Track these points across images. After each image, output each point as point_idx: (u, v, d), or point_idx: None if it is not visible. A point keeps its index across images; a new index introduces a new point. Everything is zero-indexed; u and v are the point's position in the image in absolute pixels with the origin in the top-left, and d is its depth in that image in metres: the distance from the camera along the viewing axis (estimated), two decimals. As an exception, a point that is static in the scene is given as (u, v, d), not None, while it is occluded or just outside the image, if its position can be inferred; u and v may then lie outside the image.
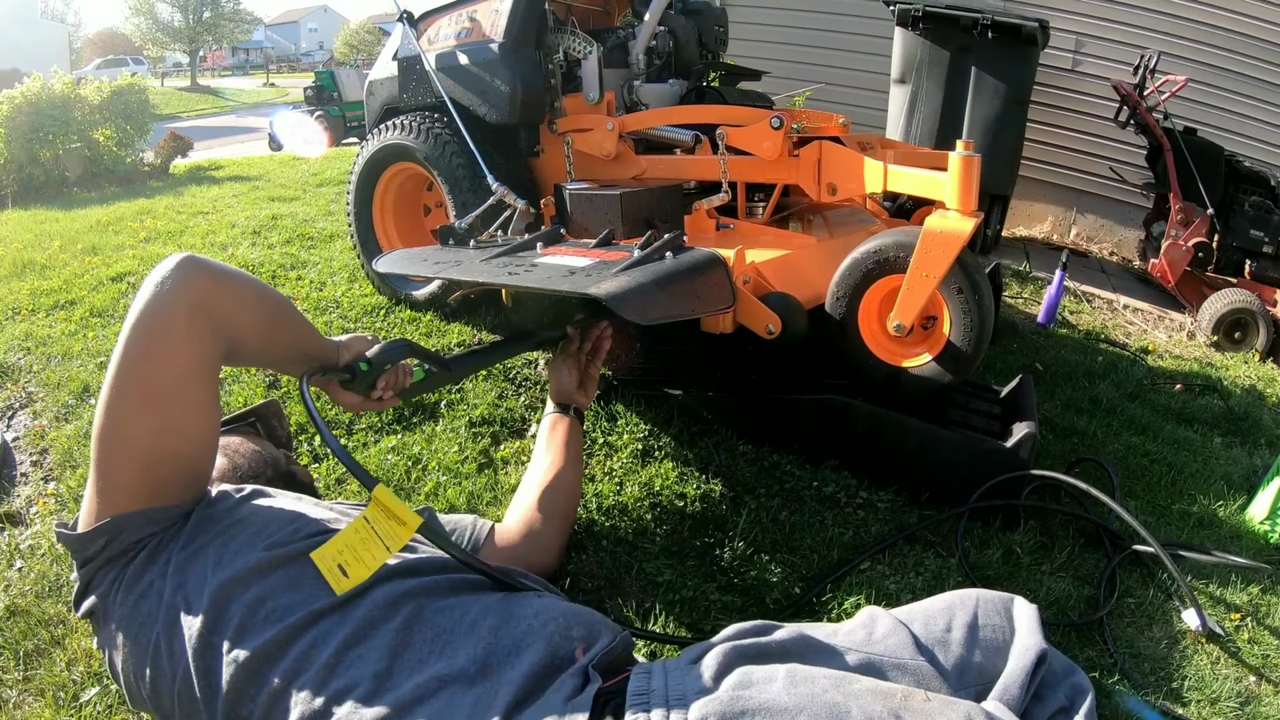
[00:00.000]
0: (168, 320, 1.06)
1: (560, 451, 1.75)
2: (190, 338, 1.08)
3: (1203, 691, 1.49)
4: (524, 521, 1.60)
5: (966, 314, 1.84)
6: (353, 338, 1.41)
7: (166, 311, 1.06)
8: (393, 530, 1.11)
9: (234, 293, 1.13)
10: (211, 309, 1.10)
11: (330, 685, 0.93)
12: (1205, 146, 4.39)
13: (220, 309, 1.11)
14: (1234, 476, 2.33)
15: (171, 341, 1.06)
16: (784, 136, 2.24)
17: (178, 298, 1.06)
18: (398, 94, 2.95)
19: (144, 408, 1.07)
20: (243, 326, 1.15)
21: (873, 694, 0.89)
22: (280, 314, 1.24)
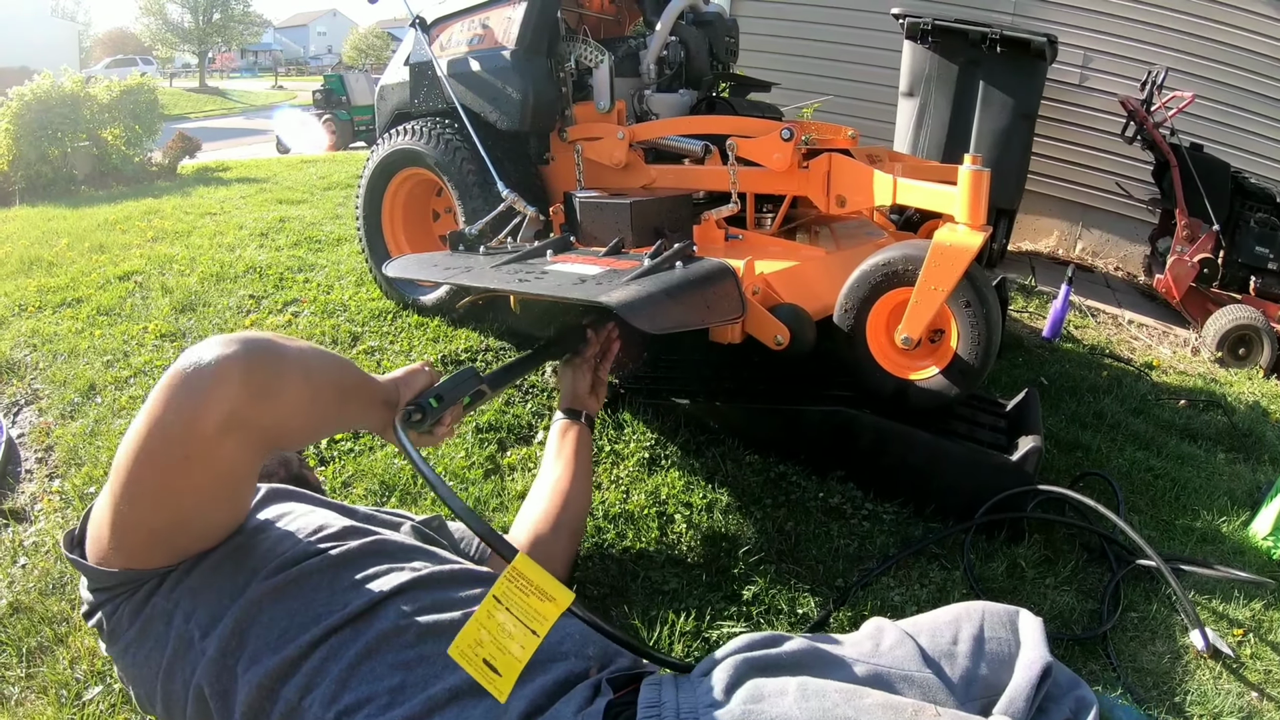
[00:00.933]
0: (188, 436, 0.91)
1: (570, 462, 1.71)
2: (217, 456, 0.94)
3: (1205, 707, 1.49)
4: (532, 537, 1.57)
5: (974, 327, 1.85)
6: (408, 373, 1.30)
7: (190, 425, 0.91)
8: (534, 608, 0.95)
9: (282, 404, 0.98)
10: (249, 423, 0.95)
11: (342, 699, 0.92)
12: (1212, 163, 4.39)
13: (260, 423, 0.97)
14: (1237, 492, 2.33)
15: (194, 462, 0.93)
16: (794, 148, 2.25)
17: (208, 411, 0.91)
18: (409, 99, 2.96)
19: (159, 506, 0.97)
20: (291, 432, 1.05)
21: (883, 708, 0.89)
22: (339, 396, 1.11)
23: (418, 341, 2.76)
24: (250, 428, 0.95)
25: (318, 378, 1.04)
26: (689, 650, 1.55)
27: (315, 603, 1.00)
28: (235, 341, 0.94)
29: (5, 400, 2.79)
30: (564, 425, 1.80)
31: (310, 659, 0.95)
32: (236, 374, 0.92)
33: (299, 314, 3.10)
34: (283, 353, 0.99)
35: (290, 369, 0.99)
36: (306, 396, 1.02)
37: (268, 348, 0.97)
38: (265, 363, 0.95)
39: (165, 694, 0.97)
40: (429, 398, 1.25)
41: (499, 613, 0.95)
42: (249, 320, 3.05)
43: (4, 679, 1.61)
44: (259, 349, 0.95)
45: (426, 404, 1.25)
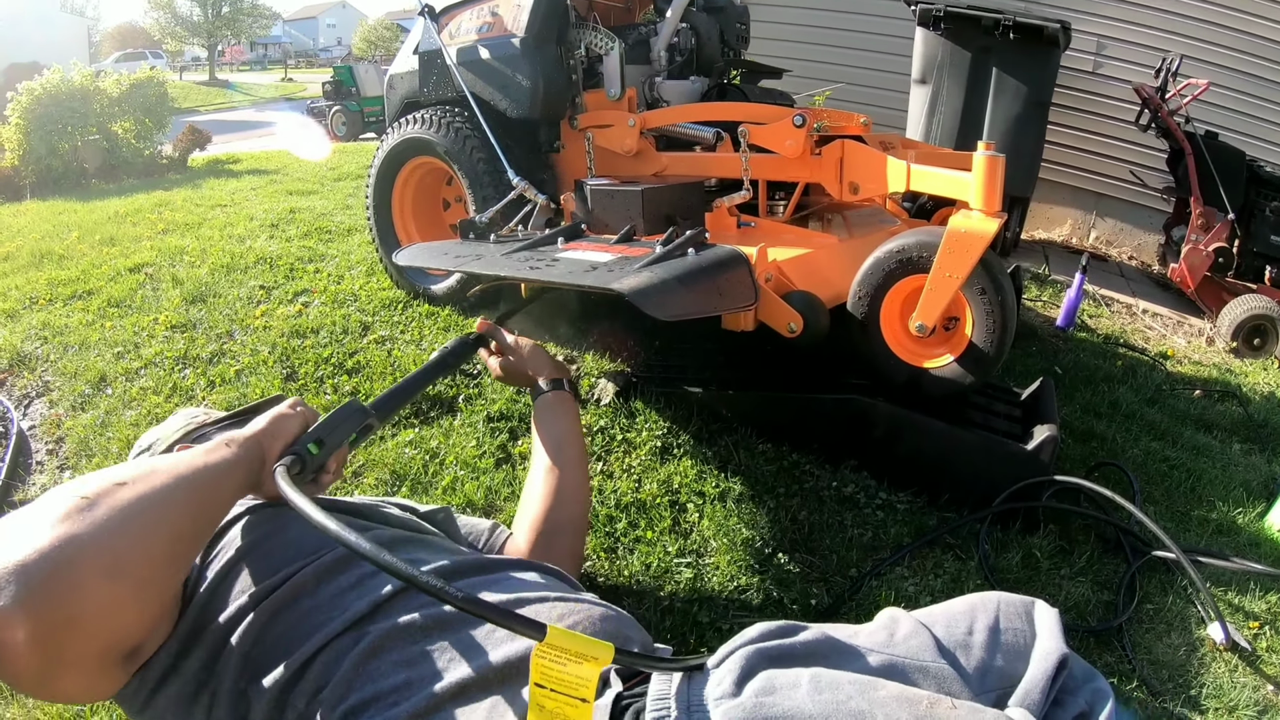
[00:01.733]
0: (19, 685, 0.78)
1: (563, 448, 1.59)
2: (73, 693, 0.84)
3: (1220, 700, 1.48)
4: (534, 538, 1.50)
5: (989, 315, 1.83)
6: (272, 420, 1.11)
7: (10, 680, 0.76)
8: (576, 675, 0.87)
9: (107, 624, 0.81)
10: (73, 663, 0.80)
11: (349, 700, 0.91)
12: (1227, 151, 4.35)
13: (86, 655, 0.81)
14: (1253, 484, 2.31)
15: (58, 697, 0.85)
16: (807, 134, 2.23)
17: (15, 674, 0.75)
18: (418, 88, 2.95)
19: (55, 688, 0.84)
20: (144, 621, 0.89)
21: (898, 701, 0.88)
22: (192, 528, 0.94)
23: (428, 330, 2.76)
24: (76, 664, 0.80)
25: (143, 550, 0.85)
26: (702, 640, 1.54)
27: (315, 610, 0.99)
28: (7, 581, 0.73)
29: (16, 392, 2.80)
30: (548, 400, 1.65)
31: (314, 665, 0.94)
32: (20, 635, 0.73)
33: (309, 304, 3.09)
34: (78, 563, 0.77)
35: (92, 578, 0.78)
36: (130, 589, 0.83)
37: (54, 572, 0.75)
38: (50, 601, 0.75)
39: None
40: (306, 444, 1.07)
41: (546, 699, 0.86)
42: (259, 311, 3.05)
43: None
44: (40, 583, 0.74)
45: (304, 451, 1.06)
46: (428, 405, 2.36)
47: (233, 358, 2.72)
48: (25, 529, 0.78)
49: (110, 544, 0.81)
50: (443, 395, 2.39)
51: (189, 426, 1.44)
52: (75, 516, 0.80)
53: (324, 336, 2.78)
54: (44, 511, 0.80)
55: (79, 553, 0.78)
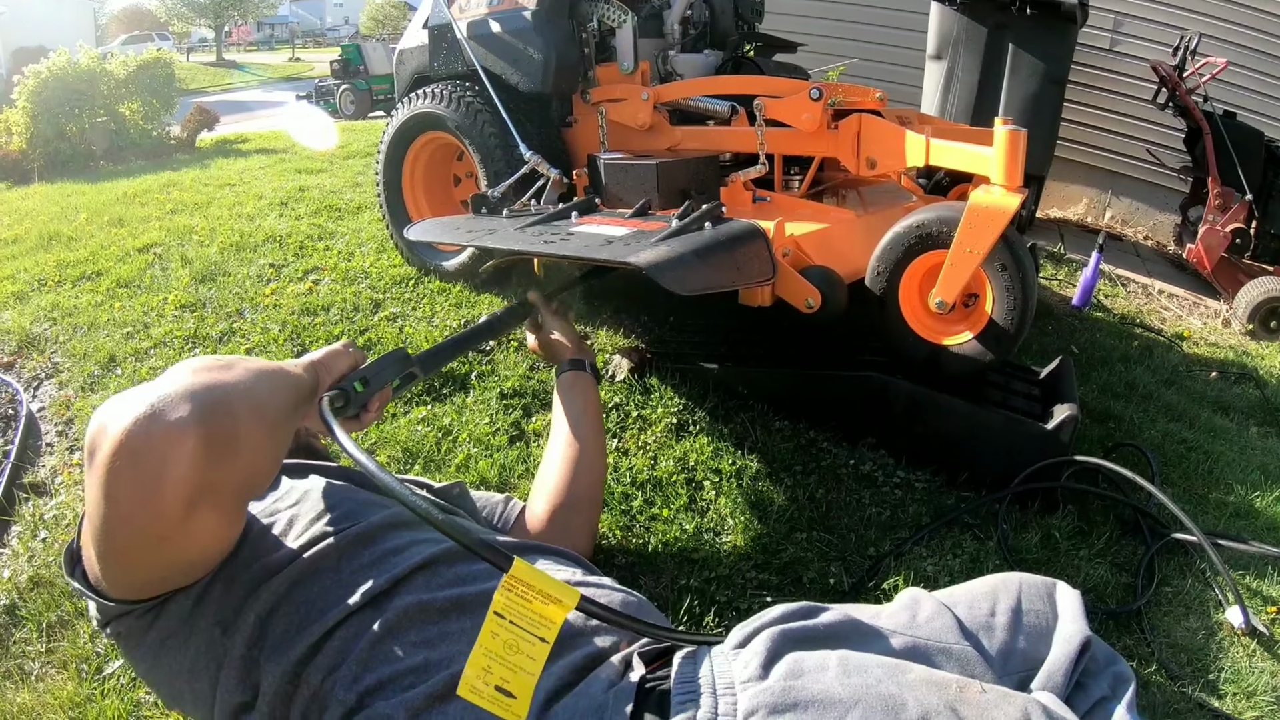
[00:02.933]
0: (155, 522, 0.81)
1: (582, 422, 1.61)
2: (192, 530, 0.85)
3: (1239, 684, 1.47)
4: (551, 510, 1.51)
5: (1010, 292, 1.80)
6: (328, 354, 1.15)
7: (153, 513, 0.80)
8: (539, 613, 0.87)
9: (245, 456, 0.87)
10: (218, 489, 0.85)
11: (364, 680, 0.90)
12: (1245, 131, 4.29)
13: (231, 483, 0.87)
14: (1271, 467, 2.29)
15: (170, 541, 0.84)
16: (823, 108, 2.20)
17: (171, 494, 0.79)
18: (428, 63, 2.92)
19: (145, 572, 0.90)
20: (260, 476, 0.93)
21: (927, 685, 0.86)
22: (290, 414, 1.00)
23: (440, 307, 2.74)
24: (221, 492, 0.85)
25: (269, 409, 0.92)
26: (720, 619, 1.53)
27: (335, 585, 0.98)
28: (182, 400, 0.80)
29: (26, 374, 2.80)
30: (568, 378, 1.68)
31: (331, 641, 0.93)
32: (191, 444, 0.78)
33: (319, 282, 3.08)
34: (233, 398, 0.85)
35: (244, 414, 0.86)
36: (265, 435, 0.90)
37: (219, 400, 0.83)
38: (219, 419, 0.82)
39: (192, 693, 0.95)
40: (353, 381, 1.13)
41: (503, 629, 0.86)
42: (269, 289, 3.03)
43: (25, 654, 1.62)
44: (210, 405, 0.82)
45: (350, 388, 1.12)
46: (440, 382, 2.34)
47: (243, 336, 2.71)
48: (178, 374, 0.84)
49: (253, 389, 0.89)
50: (455, 372, 2.37)
51: None
52: (219, 369, 0.88)
53: (334, 314, 2.77)
54: (188, 365, 0.87)
55: (234, 390, 0.86)
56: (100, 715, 1.43)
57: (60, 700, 1.47)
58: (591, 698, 0.88)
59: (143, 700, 1.46)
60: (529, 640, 0.86)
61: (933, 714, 0.82)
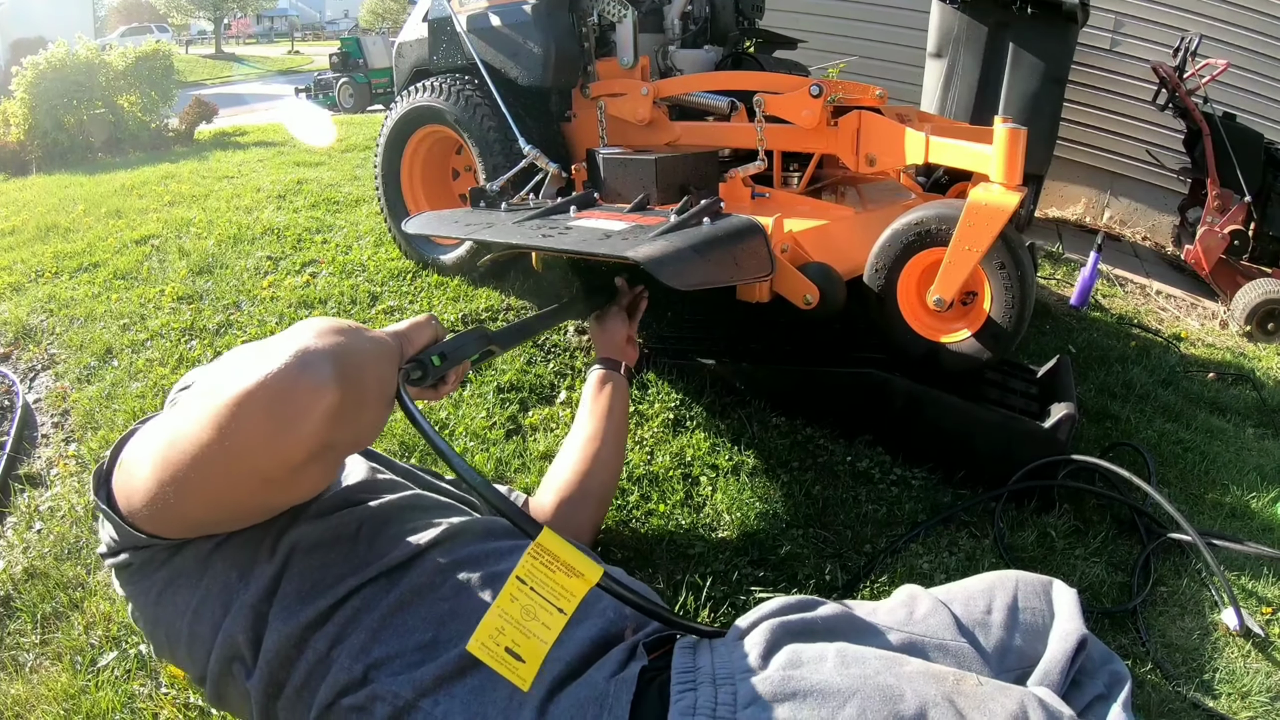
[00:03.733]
0: (273, 465, 0.83)
1: (605, 419, 1.62)
2: (299, 481, 0.88)
3: (1234, 685, 1.47)
4: (557, 503, 1.52)
5: (1008, 290, 1.81)
6: (412, 326, 1.14)
7: (277, 457, 0.82)
8: (561, 585, 0.89)
9: (364, 421, 0.89)
10: (336, 447, 0.87)
11: (372, 652, 0.90)
12: (1245, 133, 4.30)
13: (346, 441, 0.89)
14: (1267, 468, 2.29)
15: (273, 485, 0.86)
16: (823, 105, 2.20)
17: (301, 444, 0.81)
18: (428, 56, 2.91)
19: (214, 509, 0.90)
20: (365, 440, 0.94)
21: (925, 677, 0.87)
22: (392, 383, 1.00)
23: (437, 301, 2.74)
24: (337, 449, 0.88)
25: (386, 381, 0.94)
26: (716, 615, 1.53)
27: (352, 555, 0.98)
28: (328, 359, 0.81)
29: (22, 365, 2.79)
30: (601, 376, 1.69)
31: (343, 609, 0.93)
32: (329, 401, 0.80)
33: (317, 275, 3.08)
34: (364, 367, 0.87)
35: (370, 383, 0.88)
36: (383, 404, 0.92)
37: (356, 365, 0.85)
38: (355, 384, 0.85)
39: (190, 635, 0.94)
40: (432, 355, 1.12)
41: (522, 594, 0.88)
42: (266, 282, 3.03)
43: (19, 645, 1.61)
44: (349, 369, 0.83)
45: (428, 361, 1.11)
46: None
47: (240, 329, 2.70)
48: (314, 333, 0.83)
49: (376, 360, 0.89)
50: (451, 366, 2.37)
51: None
52: (349, 333, 0.87)
53: (332, 307, 2.76)
54: (318, 325, 0.85)
55: (364, 359, 0.86)
56: (95, 706, 1.42)
57: (55, 692, 1.47)
58: (594, 686, 0.88)
59: (137, 692, 1.45)
60: (547, 609, 0.87)
61: (930, 705, 0.83)
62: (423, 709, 0.87)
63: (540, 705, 0.87)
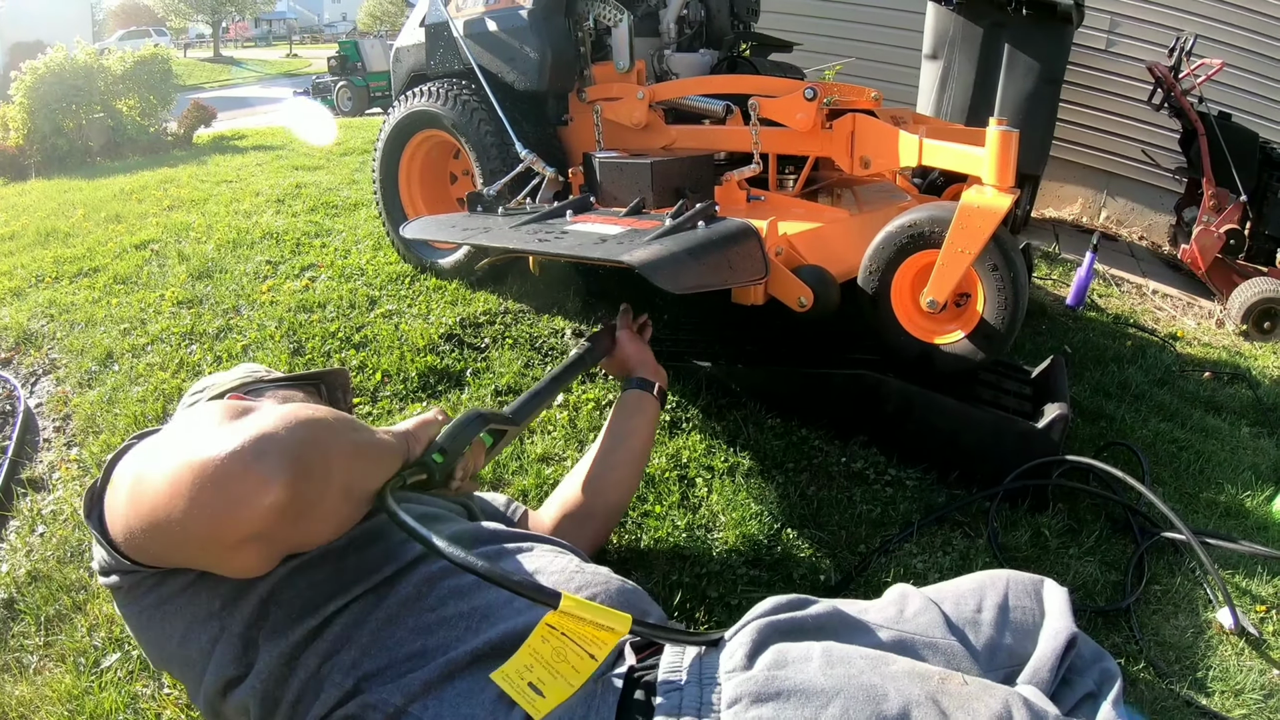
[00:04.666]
0: (207, 540, 0.82)
1: (626, 443, 1.61)
2: (231, 560, 0.86)
3: (1227, 683, 1.48)
4: (561, 515, 1.51)
5: (1001, 291, 1.82)
6: (419, 424, 1.14)
7: (211, 533, 0.80)
8: (592, 635, 0.88)
9: (315, 521, 0.88)
10: (275, 540, 0.86)
11: (363, 666, 0.90)
12: (1240, 132, 4.31)
13: (289, 539, 0.88)
14: (1262, 467, 2.30)
15: (209, 557, 0.86)
16: (818, 108, 2.21)
17: (236, 526, 0.80)
18: (425, 61, 2.93)
19: (173, 559, 0.91)
20: (316, 538, 0.93)
21: (909, 676, 0.88)
22: (371, 492, 0.98)
23: (435, 304, 2.75)
24: (275, 543, 0.86)
25: (358, 489, 0.94)
26: (711, 615, 1.54)
27: (341, 573, 0.97)
28: (286, 453, 0.81)
29: (23, 370, 2.80)
30: (630, 398, 1.68)
31: (332, 627, 0.93)
32: (273, 499, 0.79)
33: (316, 279, 3.09)
34: (331, 469, 0.87)
35: (333, 489, 0.88)
36: (346, 509, 0.92)
37: (317, 467, 0.84)
38: (309, 486, 0.83)
39: (182, 658, 0.95)
40: (431, 454, 1.12)
41: (553, 638, 0.88)
42: (266, 286, 3.04)
43: (23, 647, 1.62)
44: (306, 469, 0.82)
45: (430, 461, 1.11)
46: (435, 379, 2.35)
47: (239, 333, 2.71)
48: (293, 420, 0.84)
49: (351, 465, 0.92)
50: (451, 369, 2.38)
51: (247, 379, 1.45)
52: (331, 430, 0.89)
53: (331, 311, 2.77)
54: (303, 413, 0.87)
55: (334, 460, 0.88)
56: (98, 707, 1.44)
57: (59, 693, 1.48)
58: (582, 688, 0.88)
59: (140, 693, 1.47)
60: (579, 654, 0.87)
61: (913, 705, 0.83)
62: (413, 714, 0.87)
63: None
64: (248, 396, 1.39)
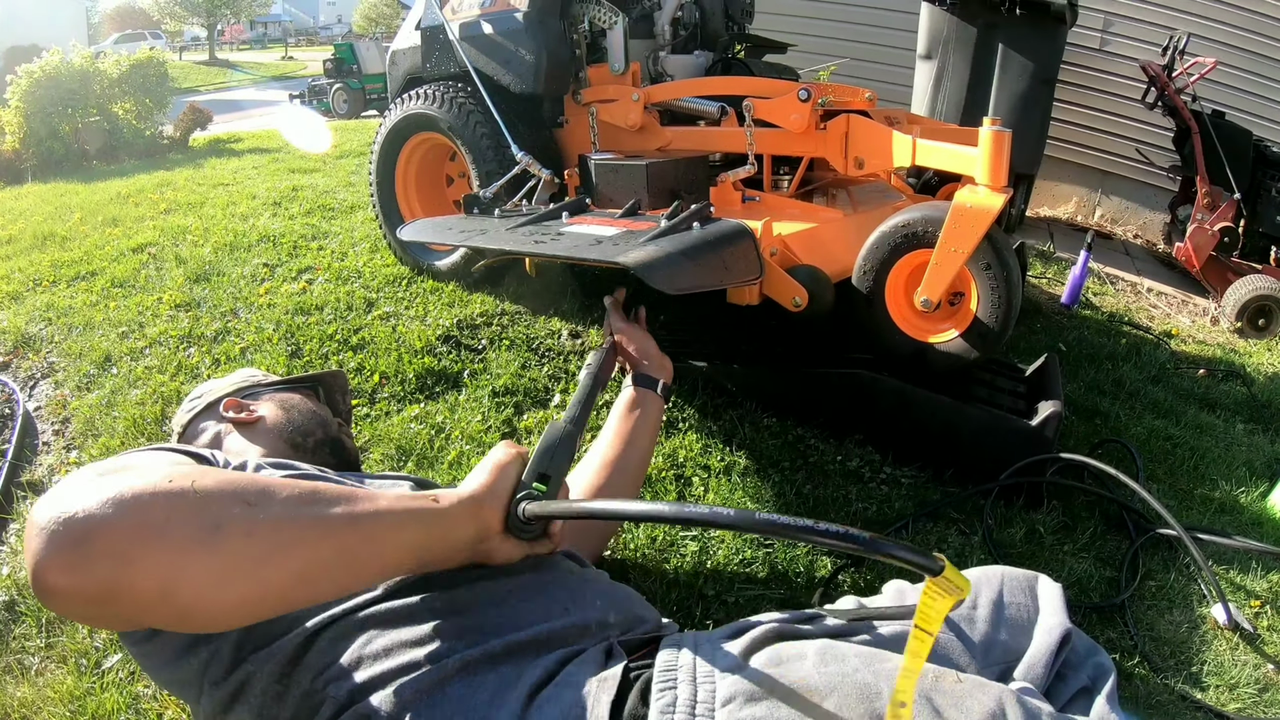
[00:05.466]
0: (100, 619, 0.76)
1: (629, 445, 1.57)
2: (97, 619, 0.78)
3: (1221, 678, 1.49)
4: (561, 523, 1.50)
5: (994, 290, 1.83)
6: (496, 471, 1.00)
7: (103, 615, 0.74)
8: (938, 612, 0.78)
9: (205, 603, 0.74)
10: (150, 622, 0.77)
11: (354, 678, 0.89)
12: (1233, 130, 4.32)
13: (177, 622, 0.77)
14: (1256, 463, 2.31)
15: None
16: (811, 109, 2.22)
17: (50, 603, 0.70)
18: (421, 64, 2.94)
19: None
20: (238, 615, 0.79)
21: None
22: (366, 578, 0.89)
23: (433, 306, 2.75)
24: (159, 622, 0.76)
25: (312, 576, 0.81)
26: (708, 612, 1.55)
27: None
28: (78, 544, 0.68)
29: (22, 374, 2.81)
30: (631, 398, 1.63)
31: (319, 642, 0.92)
32: (66, 587, 0.68)
33: (313, 281, 3.10)
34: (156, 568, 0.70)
35: (181, 584, 0.71)
36: (259, 594, 0.77)
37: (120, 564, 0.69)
38: (114, 581, 0.69)
39: (180, 681, 0.95)
40: (531, 485, 0.99)
41: (923, 645, 0.78)
42: (263, 289, 3.05)
43: (24, 649, 1.63)
44: (99, 566, 0.68)
45: (536, 494, 0.99)
46: (433, 380, 2.36)
47: (237, 336, 2.72)
48: (113, 489, 0.71)
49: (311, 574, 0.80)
50: (448, 370, 2.39)
51: (244, 384, 1.47)
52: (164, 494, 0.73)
53: (328, 313, 2.78)
54: (140, 481, 0.73)
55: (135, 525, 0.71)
56: (100, 708, 1.44)
57: (60, 694, 1.49)
58: (576, 686, 0.88)
59: (141, 694, 1.47)
60: (920, 636, 0.79)
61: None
62: (416, 711, 0.87)
63: (525, 700, 0.87)
64: (246, 400, 1.42)
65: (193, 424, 1.41)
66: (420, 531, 0.91)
